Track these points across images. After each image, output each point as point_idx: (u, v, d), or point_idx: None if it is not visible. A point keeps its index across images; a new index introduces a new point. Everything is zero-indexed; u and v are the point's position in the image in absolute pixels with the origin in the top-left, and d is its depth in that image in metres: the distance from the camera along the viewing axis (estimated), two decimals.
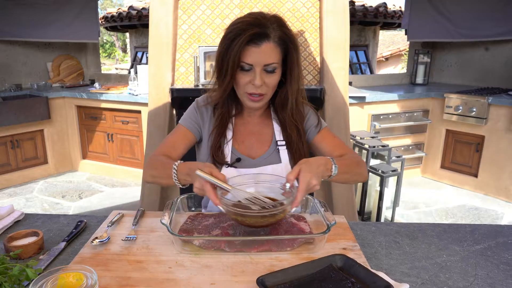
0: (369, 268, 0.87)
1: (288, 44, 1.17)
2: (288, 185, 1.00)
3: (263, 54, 1.13)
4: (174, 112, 2.81)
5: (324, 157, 1.10)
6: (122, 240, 1.05)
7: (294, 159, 1.29)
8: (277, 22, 1.15)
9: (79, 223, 1.16)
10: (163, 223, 0.97)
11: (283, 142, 1.29)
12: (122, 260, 0.95)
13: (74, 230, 1.12)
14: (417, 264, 0.97)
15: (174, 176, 1.09)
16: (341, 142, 1.32)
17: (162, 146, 1.30)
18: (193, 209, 1.21)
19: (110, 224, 1.12)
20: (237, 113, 1.32)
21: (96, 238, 1.04)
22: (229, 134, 1.29)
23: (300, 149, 1.29)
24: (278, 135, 1.30)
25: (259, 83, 1.15)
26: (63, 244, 1.05)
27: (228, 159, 1.27)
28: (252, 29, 1.11)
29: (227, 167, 1.26)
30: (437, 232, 1.14)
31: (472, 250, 1.04)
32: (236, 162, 1.27)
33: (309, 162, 1.03)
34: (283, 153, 1.28)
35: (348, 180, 1.20)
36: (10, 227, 1.18)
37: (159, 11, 2.64)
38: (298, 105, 1.29)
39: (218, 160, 1.26)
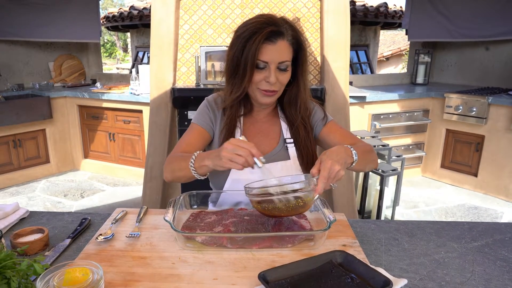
0: (368, 264, 0.89)
1: (300, 43, 1.21)
2: (314, 179, 1.01)
3: (278, 52, 1.17)
4: (176, 111, 2.83)
5: (341, 145, 1.12)
6: (126, 236, 1.07)
7: (302, 156, 1.32)
8: (288, 23, 1.20)
9: (83, 221, 1.18)
10: (166, 220, 0.99)
11: (291, 140, 1.32)
12: (126, 256, 0.97)
13: (78, 227, 1.14)
14: (416, 260, 0.99)
15: (191, 164, 1.11)
16: (349, 132, 1.35)
17: (178, 146, 1.31)
18: (195, 206, 1.23)
19: (114, 221, 1.14)
20: (246, 113, 1.35)
21: (101, 234, 1.06)
22: (238, 133, 1.31)
23: (308, 146, 1.32)
24: (286, 133, 1.34)
25: (274, 81, 1.18)
26: (68, 241, 1.06)
27: None
28: (268, 27, 1.14)
29: None
30: (436, 230, 1.16)
31: (470, 247, 1.06)
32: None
33: (328, 151, 1.05)
34: (292, 150, 1.31)
35: (365, 166, 1.22)
36: (16, 224, 1.20)
37: (161, 11, 2.66)
38: (306, 103, 1.33)
39: None
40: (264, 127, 1.36)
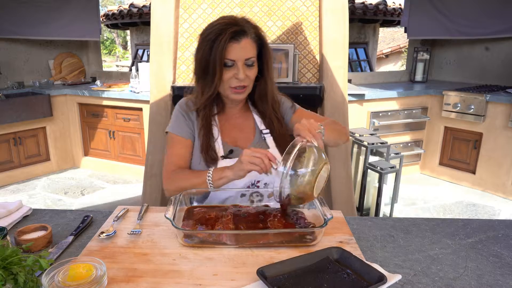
0: (364, 260, 0.91)
1: (262, 40, 1.29)
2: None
3: (243, 50, 1.24)
4: None
5: None
6: (128, 234, 1.09)
7: (279, 145, 1.39)
8: (249, 22, 1.27)
9: (85, 218, 1.20)
10: (167, 218, 1.01)
11: (267, 130, 1.40)
12: (128, 253, 1.00)
13: (81, 225, 1.16)
14: (410, 256, 1.01)
15: (209, 179, 1.22)
16: (317, 115, 1.45)
17: (170, 162, 1.36)
18: (195, 204, 1.25)
19: (116, 219, 1.16)
20: (219, 111, 1.41)
21: (103, 232, 1.08)
22: (216, 131, 1.37)
23: (283, 134, 1.40)
24: (260, 125, 1.41)
25: (242, 77, 1.25)
26: (70, 238, 1.09)
27: (221, 153, 1.35)
28: (232, 27, 1.22)
29: (223, 159, 1.34)
30: (431, 226, 1.18)
31: (464, 243, 1.08)
32: (230, 154, 1.36)
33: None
34: (269, 140, 1.39)
35: (336, 137, 1.30)
36: (19, 222, 1.22)
37: (161, 10, 2.67)
38: (274, 95, 1.41)
39: (211, 156, 1.34)
40: (238, 122, 1.42)
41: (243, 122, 1.43)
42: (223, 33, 1.20)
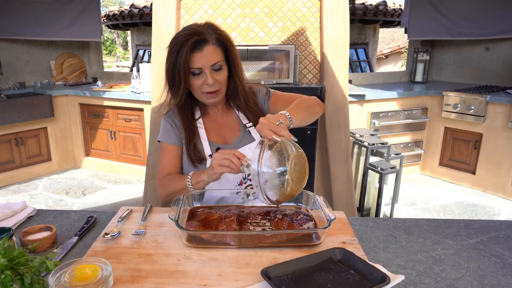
0: (367, 261, 0.92)
1: (226, 42, 1.32)
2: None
3: (207, 57, 1.28)
4: None
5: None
6: (132, 234, 1.10)
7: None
8: (211, 27, 1.31)
9: (89, 219, 1.21)
10: (171, 218, 1.02)
11: (250, 124, 1.44)
12: (132, 253, 1.00)
13: (85, 225, 1.17)
14: (413, 257, 1.02)
15: (189, 183, 1.25)
16: (291, 94, 1.45)
17: (162, 169, 1.42)
18: (198, 205, 1.26)
19: (119, 220, 1.17)
20: (203, 114, 1.46)
21: (106, 233, 1.09)
22: (203, 133, 1.42)
23: None
24: (243, 119, 1.45)
25: (211, 82, 1.29)
26: (75, 239, 1.10)
27: (209, 152, 1.39)
28: (192, 38, 1.25)
29: (211, 157, 1.37)
30: (433, 227, 1.19)
31: (465, 244, 1.09)
32: (217, 152, 1.37)
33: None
34: (254, 132, 1.43)
35: (306, 115, 1.28)
36: (23, 222, 1.23)
37: (162, 12, 2.68)
38: (246, 90, 1.45)
39: (197, 157, 1.38)
40: (223, 120, 1.47)
41: (227, 120, 1.47)
42: (185, 45, 1.24)
